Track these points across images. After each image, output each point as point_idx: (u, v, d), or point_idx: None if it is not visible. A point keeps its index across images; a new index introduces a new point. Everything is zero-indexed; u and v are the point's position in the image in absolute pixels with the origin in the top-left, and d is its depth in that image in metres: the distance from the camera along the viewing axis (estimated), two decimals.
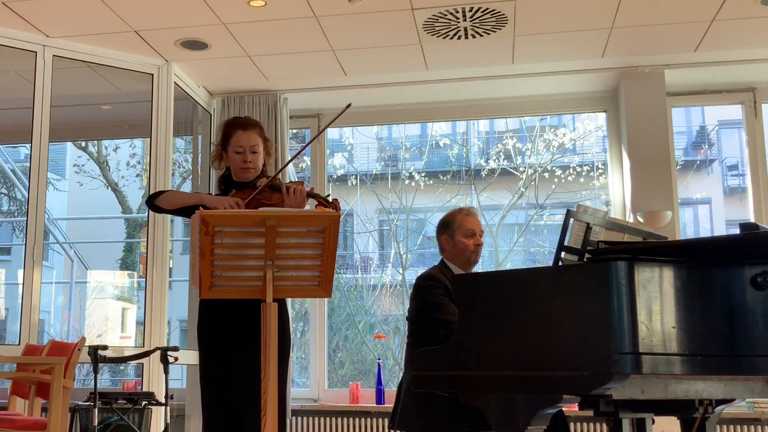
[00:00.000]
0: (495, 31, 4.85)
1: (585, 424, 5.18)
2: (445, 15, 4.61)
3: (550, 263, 2.54)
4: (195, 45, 5.02)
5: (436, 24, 4.73)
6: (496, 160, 8.46)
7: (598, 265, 2.24)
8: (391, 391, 5.45)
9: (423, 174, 8.50)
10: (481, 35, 4.89)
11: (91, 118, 6.45)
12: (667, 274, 2.22)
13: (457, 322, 2.53)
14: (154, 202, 3.29)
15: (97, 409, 4.24)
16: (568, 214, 2.55)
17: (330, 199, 3.11)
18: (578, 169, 8.36)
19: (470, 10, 4.56)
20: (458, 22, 4.70)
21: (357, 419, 5.46)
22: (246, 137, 3.29)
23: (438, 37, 4.91)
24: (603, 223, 2.62)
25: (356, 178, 8.66)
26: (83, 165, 10.97)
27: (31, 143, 4.80)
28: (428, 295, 3.47)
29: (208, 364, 3.19)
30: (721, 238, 2.47)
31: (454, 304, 2.88)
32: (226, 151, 3.34)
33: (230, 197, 3.13)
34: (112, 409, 4.57)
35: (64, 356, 3.71)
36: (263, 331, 2.48)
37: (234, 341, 3.10)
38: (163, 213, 3.48)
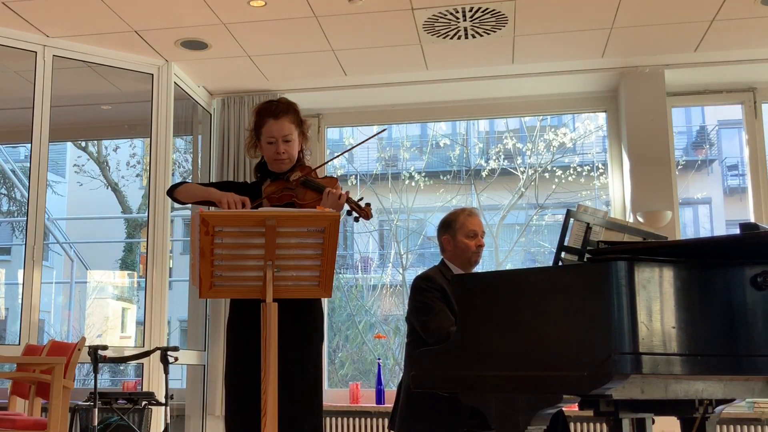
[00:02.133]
0: (495, 31, 4.85)
1: (585, 424, 5.18)
2: (445, 15, 4.61)
3: (550, 263, 2.54)
4: (195, 45, 5.02)
5: (436, 24, 4.73)
6: (496, 160, 8.46)
7: (598, 265, 2.24)
8: (391, 391, 5.46)
9: (423, 174, 8.50)
10: (481, 35, 4.89)
11: (91, 118, 6.45)
12: (667, 274, 2.22)
13: (455, 322, 2.53)
14: (173, 194, 3.19)
15: (97, 409, 4.24)
16: (568, 214, 2.55)
17: (363, 204, 2.99)
18: (578, 169, 8.37)
19: (470, 10, 4.56)
20: (458, 22, 4.70)
21: (357, 419, 5.46)
22: (278, 127, 3.10)
23: (438, 37, 4.91)
24: (603, 223, 2.62)
25: (356, 178, 8.66)
26: (83, 165, 10.98)
27: (31, 143, 4.80)
28: (423, 297, 3.45)
29: (233, 362, 3.14)
30: (721, 238, 2.47)
31: (454, 303, 2.88)
32: (259, 140, 3.18)
33: (235, 195, 2.99)
34: (112, 409, 4.57)
35: (64, 356, 3.71)
36: (263, 331, 2.47)
37: (260, 340, 3.06)
38: (182, 204, 3.38)
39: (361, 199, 3.03)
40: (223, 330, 4.21)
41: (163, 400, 4.55)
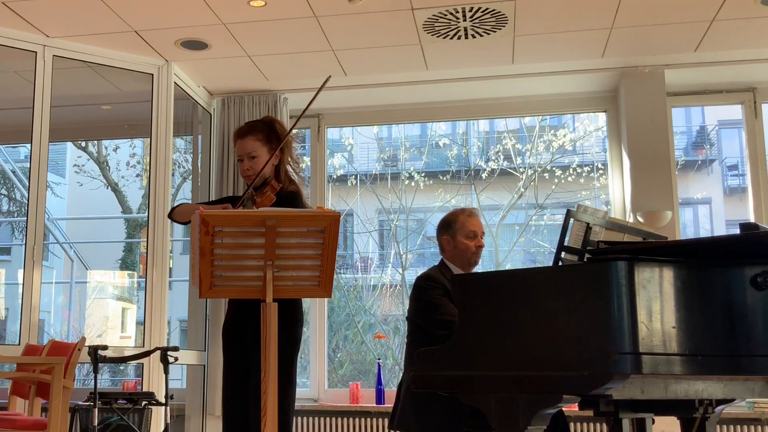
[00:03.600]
0: (495, 31, 4.85)
1: (585, 424, 5.18)
2: (445, 15, 4.61)
3: (550, 263, 2.54)
4: (195, 45, 5.02)
5: (436, 24, 4.73)
6: (496, 161, 8.45)
7: (598, 265, 2.24)
8: (391, 391, 5.45)
9: (423, 174, 8.50)
10: (481, 35, 4.89)
11: (91, 118, 6.45)
12: (667, 274, 2.22)
13: (457, 321, 2.53)
14: (173, 216, 3.41)
15: (97, 409, 4.24)
16: (568, 214, 2.55)
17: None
18: (578, 170, 8.36)
19: (470, 10, 4.56)
20: (458, 22, 4.70)
21: (357, 419, 5.46)
22: (241, 146, 3.37)
23: (438, 37, 4.91)
24: (603, 223, 2.62)
25: (356, 179, 8.66)
26: (83, 165, 10.98)
27: (31, 143, 4.79)
28: (428, 296, 3.47)
29: (228, 362, 3.30)
30: (721, 238, 2.47)
31: (455, 303, 2.89)
32: None
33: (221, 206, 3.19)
34: (112, 409, 4.57)
35: (64, 356, 3.71)
36: (263, 331, 2.48)
37: (253, 340, 3.13)
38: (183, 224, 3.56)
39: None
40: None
41: (163, 400, 4.55)
